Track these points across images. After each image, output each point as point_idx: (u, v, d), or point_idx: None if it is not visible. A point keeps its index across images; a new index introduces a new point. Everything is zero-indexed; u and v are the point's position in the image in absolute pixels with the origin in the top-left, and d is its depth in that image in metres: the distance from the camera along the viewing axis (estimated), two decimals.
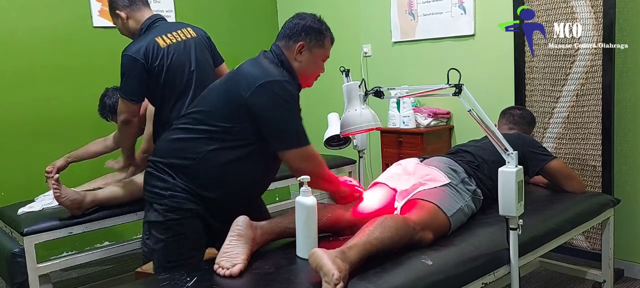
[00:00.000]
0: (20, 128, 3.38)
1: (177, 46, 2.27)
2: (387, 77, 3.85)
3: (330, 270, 1.40)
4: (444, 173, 2.03)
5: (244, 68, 1.84)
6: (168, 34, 2.28)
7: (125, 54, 2.19)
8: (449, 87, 1.71)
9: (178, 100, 2.25)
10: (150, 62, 2.19)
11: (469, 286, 1.68)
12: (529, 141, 2.43)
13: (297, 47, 1.85)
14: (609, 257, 2.46)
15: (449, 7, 3.40)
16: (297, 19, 1.90)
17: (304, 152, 1.80)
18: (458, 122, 3.47)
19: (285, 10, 4.64)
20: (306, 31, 1.86)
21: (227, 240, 1.67)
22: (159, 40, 2.23)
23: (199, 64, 2.32)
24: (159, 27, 2.31)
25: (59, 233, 2.38)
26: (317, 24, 1.90)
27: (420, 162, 2.20)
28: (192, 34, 2.37)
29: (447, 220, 1.87)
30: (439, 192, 1.93)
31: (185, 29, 2.37)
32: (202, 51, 2.37)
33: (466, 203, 1.98)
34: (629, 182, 2.74)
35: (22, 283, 2.35)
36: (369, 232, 1.61)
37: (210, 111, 1.82)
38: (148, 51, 2.19)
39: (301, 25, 1.87)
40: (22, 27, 3.39)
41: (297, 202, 1.70)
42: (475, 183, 2.09)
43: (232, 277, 1.59)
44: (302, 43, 1.86)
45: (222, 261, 1.63)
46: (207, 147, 1.79)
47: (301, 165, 1.79)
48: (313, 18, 1.92)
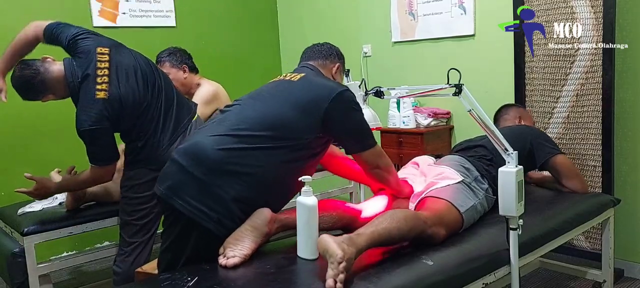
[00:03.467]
0: (20, 128, 3.38)
1: (112, 84, 2.13)
2: (387, 77, 3.85)
3: (335, 251, 1.44)
4: (457, 172, 2.05)
5: (310, 80, 1.89)
6: (97, 79, 2.11)
7: (85, 129, 2.10)
8: (449, 87, 1.71)
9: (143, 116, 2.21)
10: (110, 120, 2.12)
11: (469, 286, 1.68)
12: (538, 132, 2.45)
13: (336, 68, 2.07)
14: (609, 257, 2.46)
15: (449, 7, 3.40)
16: (328, 45, 2.11)
17: (379, 150, 1.94)
18: (458, 122, 3.47)
19: (285, 10, 4.64)
20: (339, 56, 2.10)
21: (242, 226, 1.69)
22: (99, 96, 2.10)
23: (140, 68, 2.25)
24: (83, 74, 2.13)
25: (59, 233, 2.39)
26: (342, 53, 2.14)
27: (433, 163, 2.22)
28: (107, 50, 2.19)
29: (460, 216, 1.88)
30: (452, 189, 1.96)
31: (98, 52, 2.17)
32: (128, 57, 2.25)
33: (479, 201, 2.00)
34: (629, 182, 2.74)
35: (22, 283, 2.35)
36: (377, 222, 1.63)
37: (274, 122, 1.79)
38: (103, 112, 2.10)
39: (335, 50, 2.10)
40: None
41: (298, 202, 1.69)
42: (488, 182, 2.10)
43: (227, 268, 1.62)
44: (339, 64, 2.09)
45: (228, 247, 1.66)
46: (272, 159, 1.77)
47: (378, 160, 1.93)
48: (332, 44, 2.15)
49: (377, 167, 1.94)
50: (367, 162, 1.93)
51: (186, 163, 1.75)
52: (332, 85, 1.87)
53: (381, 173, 1.96)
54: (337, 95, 1.79)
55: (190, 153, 1.77)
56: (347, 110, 1.83)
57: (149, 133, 2.23)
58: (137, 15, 3.83)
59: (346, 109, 1.83)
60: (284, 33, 4.70)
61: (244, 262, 1.65)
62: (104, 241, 3.52)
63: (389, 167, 1.97)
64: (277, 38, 4.69)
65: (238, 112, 1.85)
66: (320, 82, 1.89)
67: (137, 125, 2.21)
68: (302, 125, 1.79)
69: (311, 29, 4.36)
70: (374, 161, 1.93)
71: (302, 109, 1.79)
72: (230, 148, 1.74)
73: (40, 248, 2.39)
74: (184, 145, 1.84)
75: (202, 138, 1.81)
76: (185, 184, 1.73)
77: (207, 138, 1.79)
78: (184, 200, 1.72)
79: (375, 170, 1.94)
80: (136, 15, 3.83)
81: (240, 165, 1.72)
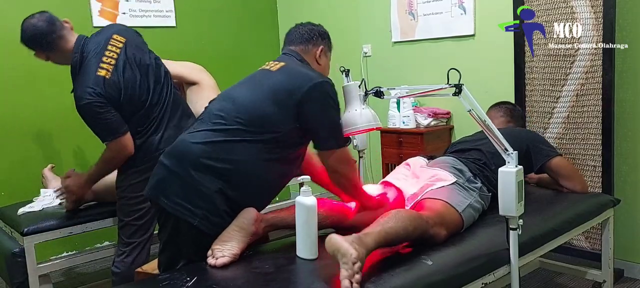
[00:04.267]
0: (20, 128, 3.38)
1: (117, 69, 2.17)
2: (387, 77, 3.85)
3: (348, 250, 1.43)
4: (450, 173, 2.05)
5: (288, 69, 1.83)
6: (103, 58, 2.16)
7: (82, 104, 2.11)
8: (449, 87, 1.71)
9: (138, 112, 2.22)
10: (107, 97, 2.13)
11: (469, 286, 1.68)
12: (534, 135, 2.44)
13: (319, 51, 1.96)
14: (609, 257, 2.46)
15: (449, 7, 3.40)
16: (310, 26, 1.99)
17: (344, 155, 1.84)
18: (458, 122, 3.47)
19: (285, 10, 4.64)
20: (322, 36, 1.98)
21: (229, 227, 1.70)
22: (101, 73, 2.14)
23: (153, 69, 2.28)
24: (91, 53, 2.18)
25: (59, 233, 2.39)
26: (324, 29, 2.02)
27: (427, 163, 2.21)
28: (122, 40, 2.25)
29: (459, 215, 1.89)
30: (447, 190, 1.96)
31: (114, 38, 2.24)
32: (145, 55, 2.30)
33: (475, 199, 2.00)
34: (629, 182, 2.74)
35: (22, 283, 2.35)
36: (383, 222, 1.62)
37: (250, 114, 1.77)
38: (98, 90, 2.11)
39: (317, 30, 1.98)
40: None
41: (297, 202, 1.70)
42: (481, 182, 2.10)
43: (217, 268, 1.63)
44: (322, 46, 1.97)
45: (216, 248, 1.67)
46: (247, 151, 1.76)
47: (339, 165, 1.83)
48: (316, 24, 2.03)
49: (335, 171, 1.84)
50: (329, 162, 1.84)
51: (170, 163, 1.78)
52: (311, 75, 1.81)
53: (339, 179, 1.87)
54: (313, 86, 1.75)
55: (174, 153, 1.80)
56: (321, 102, 1.78)
57: (149, 132, 2.23)
58: (137, 15, 3.83)
59: (320, 100, 1.77)
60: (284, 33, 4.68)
61: (234, 261, 1.66)
62: (104, 241, 3.52)
63: (348, 175, 1.86)
64: (277, 38, 4.68)
65: (217, 106, 1.85)
66: (299, 72, 1.83)
67: (136, 121, 2.21)
68: (279, 117, 1.76)
69: None
70: (334, 164, 1.83)
71: (278, 100, 1.76)
72: (208, 142, 1.75)
73: (40, 248, 2.39)
74: (170, 146, 1.86)
75: (184, 136, 1.84)
76: (170, 183, 1.75)
77: (187, 135, 1.82)
78: (169, 199, 1.73)
79: (334, 174, 1.86)
80: (136, 15, 3.83)
81: (219, 160, 1.73)
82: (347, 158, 1.85)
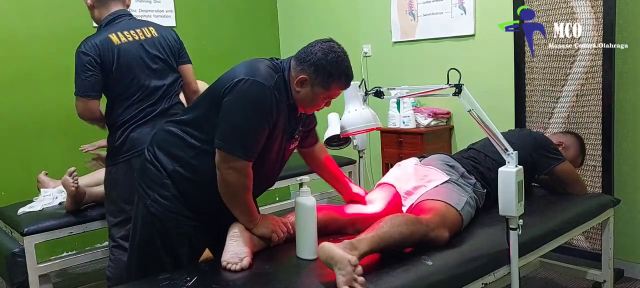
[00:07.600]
0: (20, 128, 3.38)
1: (130, 45, 2.17)
2: (387, 77, 3.85)
3: (344, 257, 1.42)
4: (442, 171, 2.04)
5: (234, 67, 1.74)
6: (124, 31, 2.18)
7: (77, 51, 2.13)
8: (449, 87, 1.71)
9: (128, 100, 2.18)
10: (102, 59, 2.12)
11: (469, 286, 1.68)
12: (540, 143, 2.35)
13: (300, 79, 1.69)
14: (609, 257, 2.46)
15: (449, 7, 3.40)
16: (317, 49, 1.70)
17: (231, 160, 1.64)
18: (458, 122, 3.47)
19: (286, 10, 4.64)
20: (315, 66, 1.68)
21: (228, 241, 1.69)
22: (112, 37, 2.15)
23: (167, 64, 2.27)
24: (119, 23, 2.21)
25: (59, 233, 2.39)
26: (330, 65, 1.68)
27: (419, 163, 2.20)
28: (153, 33, 2.25)
29: (458, 214, 1.88)
30: (442, 189, 1.95)
31: (147, 28, 2.25)
32: (162, 55, 2.26)
33: (470, 195, 1.99)
34: (629, 182, 2.74)
35: (22, 283, 2.36)
36: (378, 227, 1.62)
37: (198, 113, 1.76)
38: (99, 47, 2.12)
39: (314, 58, 1.68)
40: (22, 27, 3.39)
41: (296, 203, 1.70)
42: (475, 177, 2.10)
43: (244, 270, 1.62)
44: (306, 77, 1.69)
45: (229, 258, 1.65)
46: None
47: (222, 168, 1.66)
48: (332, 55, 1.69)
49: (220, 173, 1.66)
50: (216, 159, 1.67)
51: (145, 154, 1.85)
52: (241, 71, 1.66)
53: (222, 188, 1.68)
54: (236, 82, 1.62)
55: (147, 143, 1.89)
56: (235, 97, 1.62)
57: (140, 121, 2.19)
58: (137, 15, 3.81)
59: (235, 95, 1.62)
60: (284, 33, 4.70)
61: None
62: (104, 241, 3.51)
63: (227, 180, 1.66)
64: (277, 38, 4.69)
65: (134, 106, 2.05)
66: (233, 70, 1.69)
67: (129, 103, 2.18)
68: (213, 120, 1.68)
69: (311, 29, 4.35)
70: (220, 165, 1.65)
71: (210, 100, 1.72)
72: (166, 130, 1.81)
73: (40, 248, 2.39)
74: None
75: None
76: (140, 173, 1.84)
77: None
78: (138, 189, 1.83)
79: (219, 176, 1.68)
80: (136, 15, 3.76)
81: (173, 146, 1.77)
82: (235, 166, 1.65)
